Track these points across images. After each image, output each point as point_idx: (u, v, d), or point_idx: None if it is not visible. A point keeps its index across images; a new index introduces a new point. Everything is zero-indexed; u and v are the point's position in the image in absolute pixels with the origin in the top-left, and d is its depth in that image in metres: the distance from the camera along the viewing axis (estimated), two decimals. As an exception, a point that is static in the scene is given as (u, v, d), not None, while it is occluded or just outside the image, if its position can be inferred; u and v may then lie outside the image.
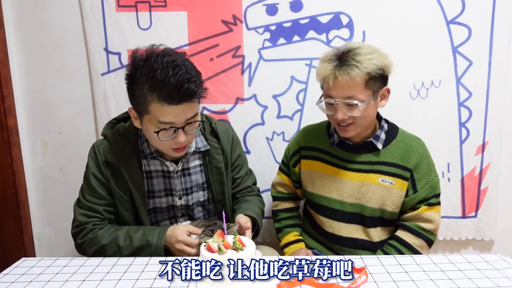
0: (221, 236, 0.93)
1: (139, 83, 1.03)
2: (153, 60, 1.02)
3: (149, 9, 1.69)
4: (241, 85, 1.74)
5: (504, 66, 1.68)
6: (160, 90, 1.01)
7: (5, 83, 1.75)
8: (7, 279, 0.95)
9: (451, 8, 1.65)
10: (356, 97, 1.18)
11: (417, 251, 1.24)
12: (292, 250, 1.40)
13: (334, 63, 1.18)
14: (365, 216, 1.30)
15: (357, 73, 1.15)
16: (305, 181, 1.42)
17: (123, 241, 1.14)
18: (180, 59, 1.04)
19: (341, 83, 1.17)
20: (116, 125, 1.28)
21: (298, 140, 1.45)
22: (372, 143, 1.28)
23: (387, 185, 1.26)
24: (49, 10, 1.74)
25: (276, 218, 1.52)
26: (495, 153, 1.74)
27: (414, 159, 1.26)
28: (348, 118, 1.21)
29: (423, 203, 1.26)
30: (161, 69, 1.00)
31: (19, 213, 1.84)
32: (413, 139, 1.32)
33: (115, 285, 0.91)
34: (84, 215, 1.18)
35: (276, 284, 0.88)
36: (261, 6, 1.68)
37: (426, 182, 1.26)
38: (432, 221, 1.25)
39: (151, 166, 1.21)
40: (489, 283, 0.89)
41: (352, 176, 1.30)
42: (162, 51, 1.05)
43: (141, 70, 1.03)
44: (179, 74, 1.01)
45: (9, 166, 1.79)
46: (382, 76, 1.20)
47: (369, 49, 1.19)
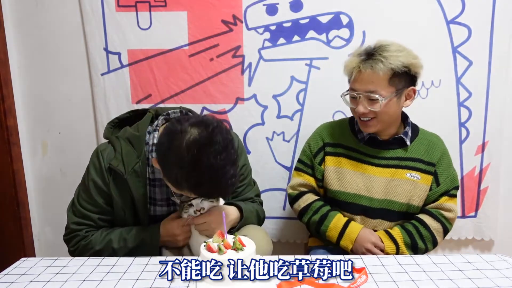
0: (221, 236, 0.93)
1: (179, 175, 0.96)
2: (202, 167, 0.93)
3: (149, 9, 1.69)
4: (241, 85, 1.74)
5: (504, 66, 1.68)
6: (199, 193, 1.01)
7: (5, 83, 1.75)
8: (7, 279, 0.95)
9: (451, 8, 1.65)
10: (378, 91, 1.20)
11: (433, 234, 1.29)
12: (356, 230, 1.30)
13: (361, 57, 1.22)
14: (392, 211, 1.33)
15: (380, 68, 1.18)
16: (330, 179, 1.38)
17: (117, 244, 1.14)
18: (229, 156, 0.96)
19: (365, 76, 1.21)
20: (118, 125, 1.26)
21: (321, 137, 1.42)
22: (402, 139, 1.32)
23: (415, 179, 1.31)
24: (49, 10, 1.74)
25: (313, 210, 1.37)
26: (495, 153, 1.74)
27: (437, 155, 1.33)
28: (369, 113, 1.24)
29: (444, 195, 1.32)
30: (208, 181, 0.95)
31: (19, 213, 1.84)
32: (434, 136, 1.39)
33: (115, 285, 0.91)
34: (76, 223, 1.17)
35: (276, 284, 0.88)
36: (261, 6, 1.68)
37: (447, 176, 1.33)
38: (452, 210, 1.31)
39: (155, 174, 1.18)
40: (489, 283, 0.89)
41: (381, 171, 1.33)
42: (214, 147, 0.94)
43: (186, 170, 0.95)
44: (223, 182, 0.96)
45: (9, 166, 1.79)
46: (408, 75, 1.22)
47: (399, 47, 1.22)
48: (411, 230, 1.30)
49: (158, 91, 1.75)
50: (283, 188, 1.81)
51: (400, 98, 1.24)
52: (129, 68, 1.74)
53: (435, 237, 1.30)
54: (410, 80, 1.25)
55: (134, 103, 1.77)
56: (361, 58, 1.22)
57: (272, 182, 1.81)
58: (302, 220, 1.42)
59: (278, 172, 1.80)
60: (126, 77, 1.75)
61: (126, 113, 1.29)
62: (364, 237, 1.29)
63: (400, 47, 1.23)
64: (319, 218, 1.35)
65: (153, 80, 1.75)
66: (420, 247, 1.29)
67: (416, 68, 1.23)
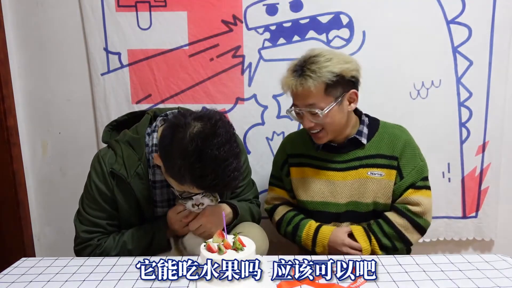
0: (221, 236, 0.93)
1: (182, 167, 0.97)
2: (206, 159, 0.94)
3: (149, 9, 1.69)
4: (241, 85, 1.74)
5: (504, 66, 1.67)
6: (202, 186, 1.00)
7: (5, 83, 1.75)
8: (7, 279, 0.95)
9: (451, 8, 1.64)
10: (317, 105, 1.19)
11: (400, 231, 1.24)
12: (326, 234, 1.28)
13: (294, 74, 1.20)
14: (359, 212, 1.30)
15: (311, 84, 1.15)
16: (297, 189, 1.38)
17: (131, 244, 1.15)
18: (232, 149, 0.97)
19: (299, 93, 1.19)
20: (116, 127, 1.26)
21: (284, 149, 1.43)
22: (356, 139, 1.29)
23: (377, 177, 1.27)
24: (49, 10, 1.74)
25: (286, 222, 1.38)
26: (495, 153, 1.74)
27: (399, 147, 1.27)
28: (315, 125, 1.23)
29: (410, 188, 1.26)
30: (212, 173, 0.95)
31: (19, 213, 1.84)
32: (395, 128, 1.33)
33: (115, 285, 0.91)
34: (86, 231, 1.16)
35: (276, 284, 0.88)
36: (261, 6, 1.68)
37: (412, 168, 1.26)
38: (419, 204, 1.24)
39: (156, 176, 1.18)
40: (489, 283, 0.89)
41: (344, 175, 1.30)
42: (217, 139, 0.95)
43: (189, 161, 0.95)
44: (226, 175, 0.96)
45: (9, 166, 1.79)
46: (343, 81, 1.19)
47: (328, 56, 1.18)
48: (375, 228, 1.27)
49: (158, 91, 1.75)
50: (283, 188, 1.81)
51: (342, 104, 1.22)
52: (129, 68, 1.74)
53: (403, 234, 1.24)
54: (348, 85, 1.21)
55: (134, 103, 1.77)
56: (294, 74, 1.19)
57: (272, 182, 1.81)
58: (280, 232, 1.41)
59: (278, 172, 1.80)
60: (126, 77, 1.75)
61: (124, 115, 1.28)
62: (335, 240, 1.26)
63: (330, 54, 1.19)
64: (292, 229, 1.35)
65: (153, 80, 1.75)
66: (385, 245, 1.25)
67: (350, 73, 1.19)
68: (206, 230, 1.13)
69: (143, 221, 1.20)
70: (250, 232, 1.12)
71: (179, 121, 0.99)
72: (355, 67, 1.21)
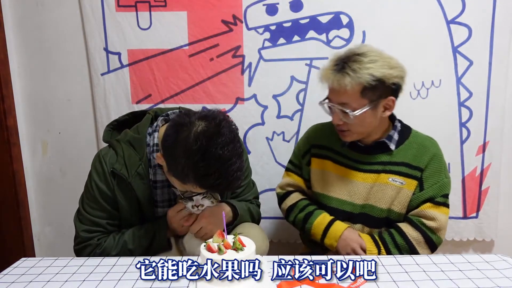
0: (221, 236, 0.93)
1: (185, 166, 0.96)
2: (210, 158, 0.94)
3: (149, 9, 1.69)
4: (241, 85, 1.74)
5: (504, 66, 1.67)
6: (205, 185, 1.00)
7: (5, 83, 1.75)
8: (7, 279, 0.95)
9: (451, 8, 1.64)
10: (349, 105, 1.16)
11: (411, 244, 1.20)
12: (341, 228, 1.25)
13: (333, 67, 1.16)
14: (372, 216, 1.28)
15: (348, 82, 1.12)
16: (315, 181, 1.36)
17: (132, 244, 1.15)
18: (235, 149, 0.97)
19: (335, 88, 1.16)
20: (117, 127, 1.25)
21: (309, 138, 1.40)
22: (384, 143, 1.26)
23: (397, 184, 1.24)
24: (49, 10, 1.74)
25: (299, 208, 1.35)
26: (495, 153, 1.74)
27: (426, 159, 1.24)
28: (343, 124, 1.20)
29: (428, 201, 1.22)
30: (215, 172, 0.95)
31: (19, 213, 1.84)
32: (426, 139, 1.29)
33: (115, 285, 0.91)
34: (86, 231, 1.15)
35: (276, 284, 0.88)
36: (261, 6, 1.68)
37: (434, 182, 1.23)
38: (435, 219, 1.20)
39: (157, 176, 1.17)
40: (489, 283, 0.89)
41: (364, 177, 1.28)
42: (221, 139, 0.95)
43: (193, 160, 0.94)
44: (229, 174, 0.96)
45: (9, 166, 1.80)
46: (382, 87, 1.15)
47: (374, 57, 1.13)
48: (386, 238, 1.23)
49: (158, 91, 1.75)
50: (283, 188, 1.81)
51: (376, 109, 1.18)
52: (129, 68, 1.74)
53: (414, 247, 1.20)
54: (387, 91, 1.17)
55: (134, 103, 1.77)
56: (334, 68, 1.15)
57: (272, 182, 1.80)
58: (289, 218, 1.40)
59: (278, 172, 1.79)
60: (126, 77, 1.75)
61: (124, 115, 1.28)
62: (350, 236, 1.24)
63: (376, 56, 1.14)
64: (304, 216, 1.33)
65: (153, 80, 1.75)
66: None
67: (393, 79, 1.14)
68: (207, 232, 1.13)
69: (144, 221, 1.20)
70: (250, 232, 1.12)
71: (183, 120, 0.99)
72: (399, 74, 1.16)
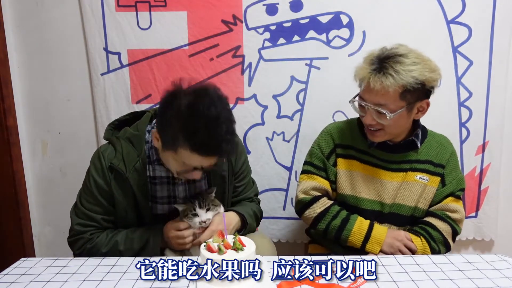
0: (221, 236, 0.93)
1: (177, 124, 1.00)
2: (198, 114, 0.98)
3: (149, 9, 1.69)
4: (241, 85, 1.74)
5: (504, 66, 1.68)
6: (195, 141, 1.00)
7: (5, 83, 1.75)
8: (7, 279, 0.95)
9: (451, 8, 1.65)
10: (387, 106, 1.15)
11: (443, 235, 1.25)
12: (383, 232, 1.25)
13: (372, 66, 1.14)
14: (400, 215, 1.29)
15: (391, 83, 1.10)
16: (343, 182, 1.32)
17: (123, 246, 1.15)
18: (224, 114, 1.01)
19: (374, 89, 1.14)
20: (118, 126, 1.26)
21: (332, 138, 1.36)
22: (413, 141, 1.28)
23: (424, 182, 1.28)
24: (49, 10, 1.74)
25: (331, 215, 1.30)
26: (495, 153, 1.74)
27: (446, 156, 1.30)
28: (376, 124, 1.20)
29: (450, 196, 1.28)
30: (203, 124, 0.98)
31: (19, 213, 1.84)
32: (442, 138, 1.36)
33: (115, 285, 0.91)
34: (80, 224, 1.16)
35: (276, 284, 0.88)
36: (261, 6, 1.68)
37: (453, 177, 1.29)
38: (458, 211, 1.27)
39: (156, 172, 1.19)
40: (489, 283, 0.89)
41: (393, 176, 1.29)
42: (209, 101, 0.99)
43: (182, 118, 0.99)
44: (218, 133, 0.99)
45: (9, 166, 1.79)
46: (421, 90, 1.15)
47: (415, 59, 1.13)
48: (421, 232, 1.26)
49: (158, 91, 1.75)
50: (283, 188, 1.81)
51: (411, 111, 1.19)
52: (129, 68, 1.74)
53: (446, 239, 1.25)
54: (424, 94, 1.18)
55: (134, 103, 1.77)
56: (373, 67, 1.14)
57: (272, 182, 1.81)
58: (319, 226, 1.31)
59: (278, 172, 1.80)
60: (126, 77, 1.75)
61: (126, 115, 1.29)
62: (397, 236, 1.24)
63: (418, 58, 1.14)
64: (340, 223, 1.27)
65: (153, 80, 1.75)
66: (433, 248, 1.24)
67: (432, 83, 1.15)
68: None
69: (140, 218, 1.20)
70: (259, 244, 1.11)
71: (174, 90, 1.04)
72: (438, 77, 1.17)
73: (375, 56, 1.17)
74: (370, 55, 1.19)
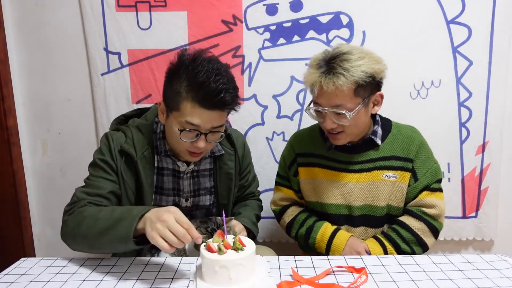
0: (221, 236, 0.93)
1: (180, 78, 1.05)
2: (199, 63, 1.03)
3: (149, 9, 1.69)
4: (241, 85, 1.74)
5: (504, 66, 1.68)
6: (197, 91, 1.02)
7: (5, 83, 1.75)
8: (7, 279, 0.95)
9: (451, 8, 1.65)
10: (344, 106, 1.13)
11: (417, 235, 1.20)
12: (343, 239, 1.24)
13: (321, 70, 1.13)
14: (373, 216, 1.26)
15: (343, 82, 1.09)
16: (306, 191, 1.34)
17: (103, 213, 1.00)
18: (224, 69, 1.06)
19: (328, 91, 1.12)
20: (124, 121, 1.27)
21: (293, 148, 1.37)
22: (371, 139, 1.25)
23: (392, 179, 1.23)
24: (49, 10, 1.74)
25: (298, 224, 1.33)
26: (495, 153, 1.74)
27: (414, 149, 1.24)
28: (337, 127, 1.18)
29: (424, 190, 1.23)
30: (204, 72, 1.02)
31: (19, 213, 1.84)
32: (408, 129, 1.29)
33: (115, 285, 0.91)
34: (85, 192, 1.10)
35: (276, 284, 0.88)
36: (261, 6, 1.68)
37: (426, 170, 1.23)
38: (435, 206, 1.22)
39: (163, 163, 1.19)
40: (489, 283, 0.89)
41: (357, 177, 1.26)
42: (209, 57, 1.06)
43: (185, 67, 1.05)
44: (219, 82, 1.02)
45: (9, 166, 1.80)
46: (373, 82, 1.14)
47: (360, 54, 1.13)
48: (392, 235, 1.22)
49: (158, 91, 1.75)
50: (283, 188, 1.81)
51: (368, 106, 1.18)
52: (129, 68, 1.74)
53: (421, 238, 1.20)
54: (376, 86, 1.17)
55: (134, 103, 1.77)
56: (321, 70, 1.12)
57: (272, 182, 1.78)
58: (290, 235, 1.36)
59: (278, 172, 1.80)
60: (126, 77, 1.75)
61: (132, 110, 1.30)
62: (354, 243, 1.22)
63: (362, 53, 1.13)
64: (305, 231, 1.30)
65: (153, 80, 1.75)
66: (404, 250, 1.20)
67: (381, 74, 1.15)
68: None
69: None
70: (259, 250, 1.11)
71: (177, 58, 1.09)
72: (385, 68, 1.17)
73: (320, 59, 1.15)
74: (315, 59, 1.17)
